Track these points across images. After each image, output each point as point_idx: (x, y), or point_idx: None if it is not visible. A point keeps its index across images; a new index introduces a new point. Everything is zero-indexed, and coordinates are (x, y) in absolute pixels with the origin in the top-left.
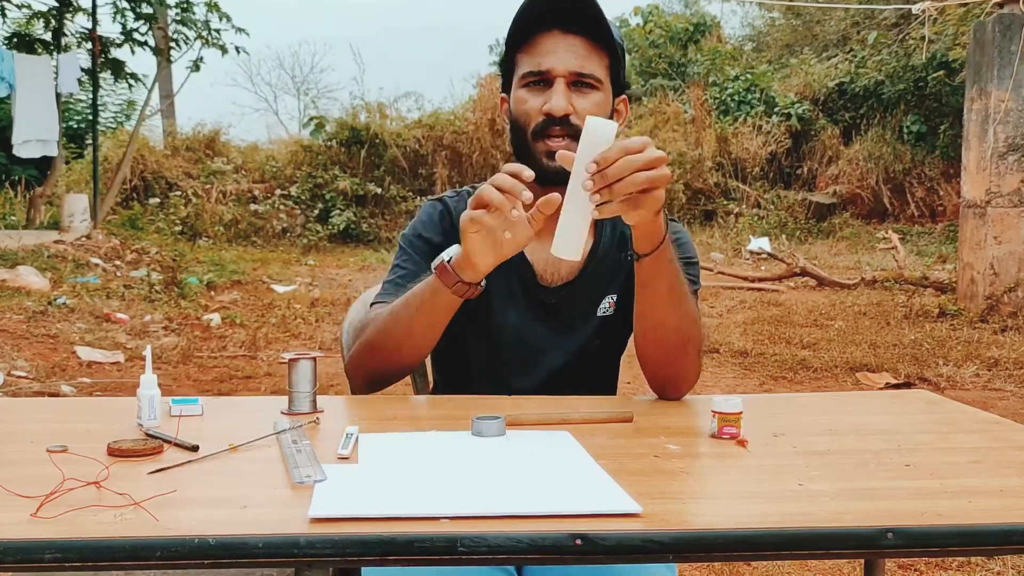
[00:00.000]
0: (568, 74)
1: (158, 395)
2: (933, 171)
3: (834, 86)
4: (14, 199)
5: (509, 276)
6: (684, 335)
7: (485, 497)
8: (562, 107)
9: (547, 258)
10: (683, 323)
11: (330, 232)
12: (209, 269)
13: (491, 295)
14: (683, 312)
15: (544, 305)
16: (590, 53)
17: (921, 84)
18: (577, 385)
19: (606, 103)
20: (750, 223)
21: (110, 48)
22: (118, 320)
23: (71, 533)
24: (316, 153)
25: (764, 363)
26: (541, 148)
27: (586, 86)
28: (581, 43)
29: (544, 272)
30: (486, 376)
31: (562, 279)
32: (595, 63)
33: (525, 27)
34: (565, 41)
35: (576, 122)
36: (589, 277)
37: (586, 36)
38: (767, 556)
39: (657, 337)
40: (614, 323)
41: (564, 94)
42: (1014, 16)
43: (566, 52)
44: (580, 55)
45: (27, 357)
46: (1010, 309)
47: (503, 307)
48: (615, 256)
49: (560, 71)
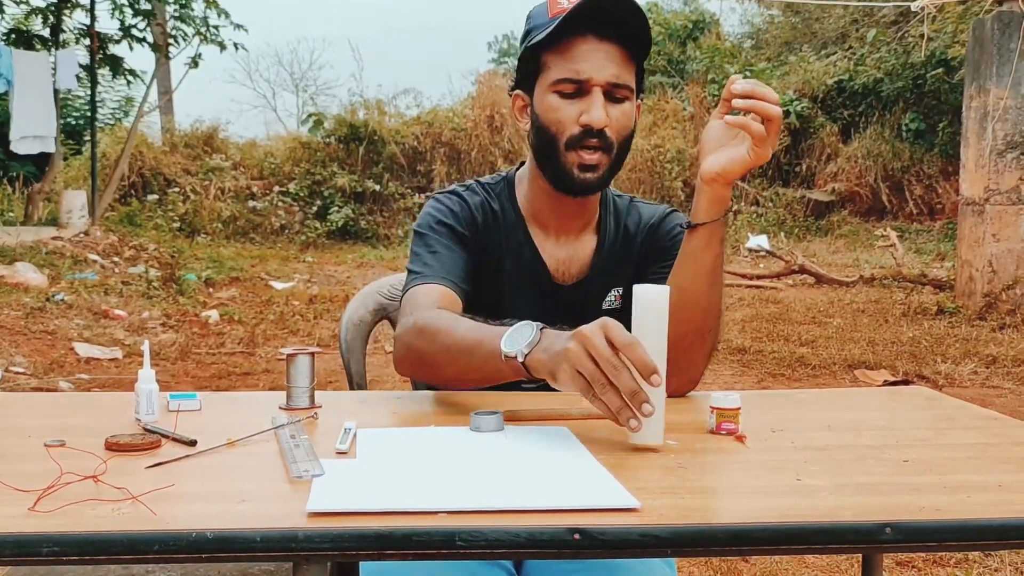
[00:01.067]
0: (606, 84)
1: (156, 390)
2: (932, 169)
3: (833, 84)
4: (12, 195)
5: (525, 274)
6: (708, 322)
7: (483, 492)
8: (603, 119)
9: (560, 256)
10: (712, 308)
11: (328, 229)
12: (207, 266)
13: (504, 294)
14: (714, 298)
15: (559, 303)
16: (624, 62)
17: (920, 82)
18: None
19: (633, 112)
20: (749, 220)
21: (108, 44)
22: (116, 316)
23: (69, 527)
24: (314, 150)
25: (762, 360)
26: (573, 159)
27: (618, 98)
28: (617, 51)
29: (557, 270)
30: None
31: (574, 277)
32: (628, 73)
33: (562, 28)
34: (602, 48)
35: (610, 134)
36: (599, 272)
37: (620, 43)
38: (765, 551)
39: (684, 315)
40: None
41: (603, 105)
42: (1013, 14)
43: (604, 60)
44: (616, 63)
45: (25, 353)
46: (1008, 307)
47: (517, 306)
48: (621, 249)
49: (599, 81)
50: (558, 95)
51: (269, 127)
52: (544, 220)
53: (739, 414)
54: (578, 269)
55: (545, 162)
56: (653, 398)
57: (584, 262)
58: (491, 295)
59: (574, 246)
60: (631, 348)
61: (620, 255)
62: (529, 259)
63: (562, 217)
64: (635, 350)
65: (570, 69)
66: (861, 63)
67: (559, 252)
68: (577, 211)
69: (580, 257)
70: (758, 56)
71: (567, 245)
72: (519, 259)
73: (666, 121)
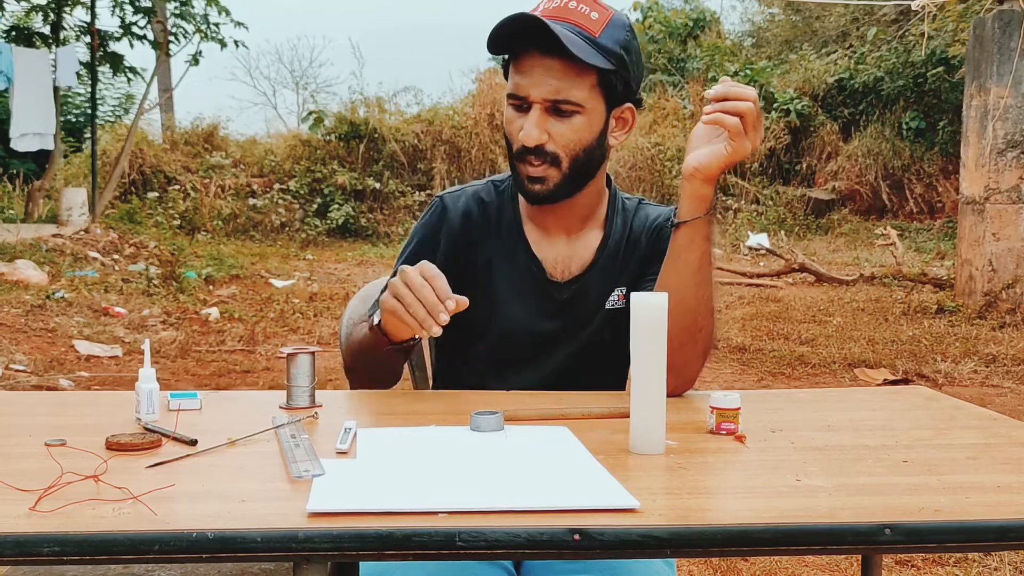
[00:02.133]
0: (543, 101)
1: (156, 389)
2: (932, 167)
3: (833, 82)
4: (12, 193)
5: (518, 273)
6: (699, 321)
7: (483, 492)
8: (534, 138)
9: (556, 253)
10: (701, 307)
11: (329, 227)
12: (207, 263)
13: (498, 293)
14: (704, 296)
15: (555, 301)
16: (568, 75)
17: (920, 80)
18: (585, 379)
19: (589, 125)
20: (749, 219)
21: (109, 42)
22: (116, 314)
23: (69, 527)
24: (315, 148)
25: (762, 359)
26: (522, 170)
27: (564, 112)
28: (559, 65)
29: (554, 268)
30: (492, 371)
31: (572, 274)
32: (576, 85)
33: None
34: (542, 64)
35: (553, 150)
36: (600, 270)
37: (565, 57)
38: (765, 551)
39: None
40: (624, 315)
41: (537, 123)
42: (1013, 13)
43: (543, 76)
44: (557, 78)
45: (25, 351)
46: (1008, 305)
47: (512, 304)
48: (626, 249)
49: (535, 97)
50: (512, 108)
51: (269, 125)
52: (539, 219)
53: (739, 414)
54: (579, 265)
55: (510, 168)
56: (653, 406)
57: (586, 259)
58: (486, 295)
59: (576, 243)
60: (435, 279)
61: (625, 254)
62: (523, 258)
63: (553, 217)
64: (438, 280)
65: (515, 84)
66: (861, 61)
67: (558, 249)
68: (562, 211)
69: (582, 254)
70: (758, 54)
71: (569, 242)
72: (513, 258)
73: (666, 119)
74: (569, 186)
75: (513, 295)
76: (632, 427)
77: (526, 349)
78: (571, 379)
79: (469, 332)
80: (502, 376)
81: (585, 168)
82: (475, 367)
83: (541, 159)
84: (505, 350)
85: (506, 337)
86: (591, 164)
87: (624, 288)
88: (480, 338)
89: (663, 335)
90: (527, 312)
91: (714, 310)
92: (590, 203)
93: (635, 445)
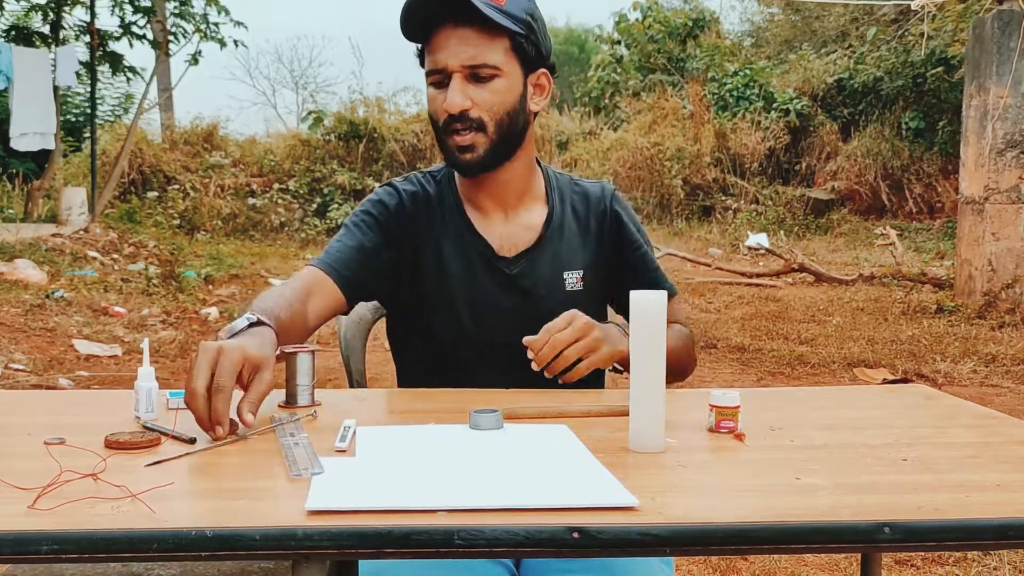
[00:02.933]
0: (461, 68)
1: (156, 388)
2: (931, 167)
3: (833, 82)
4: (12, 192)
5: (467, 255)
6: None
7: (482, 490)
8: (457, 104)
9: (500, 231)
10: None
11: (328, 226)
12: (207, 263)
13: (451, 275)
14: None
15: (506, 276)
16: (482, 40)
17: (920, 80)
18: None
19: (510, 87)
20: (748, 219)
21: (108, 41)
22: (116, 313)
23: (68, 525)
24: (314, 147)
25: (762, 359)
26: (451, 143)
27: (483, 77)
28: (473, 32)
29: (501, 246)
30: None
31: (519, 249)
32: (491, 49)
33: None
34: (456, 34)
35: (477, 115)
36: (547, 244)
37: (477, 24)
38: (764, 549)
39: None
40: (585, 299)
41: (459, 90)
42: (1013, 12)
43: (458, 45)
44: (472, 45)
45: (25, 350)
46: (1007, 305)
47: (465, 284)
48: (573, 228)
49: (453, 66)
50: (432, 87)
51: (269, 124)
52: (477, 198)
53: (738, 412)
54: (524, 242)
55: (440, 148)
56: (652, 404)
57: (532, 234)
58: (439, 277)
59: (518, 219)
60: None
61: (577, 234)
62: (469, 238)
63: (489, 193)
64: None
65: (432, 60)
66: (861, 61)
67: (502, 226)
68: (499, 185)
69: (527, 229)
70: (758, 54)
71: (511, 219)
72: (460, 240)
73: (666, 119)
74: (498, 152)
75: (466, 274)
76: (631, 425)
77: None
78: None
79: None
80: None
81: (510, 133)
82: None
83: (467, 126)
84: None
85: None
86: (515, 129)
87: (581, 272)
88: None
89: (662, 333)
90: (481, 289)
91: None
92: (523, 176)
93: (634, 443)
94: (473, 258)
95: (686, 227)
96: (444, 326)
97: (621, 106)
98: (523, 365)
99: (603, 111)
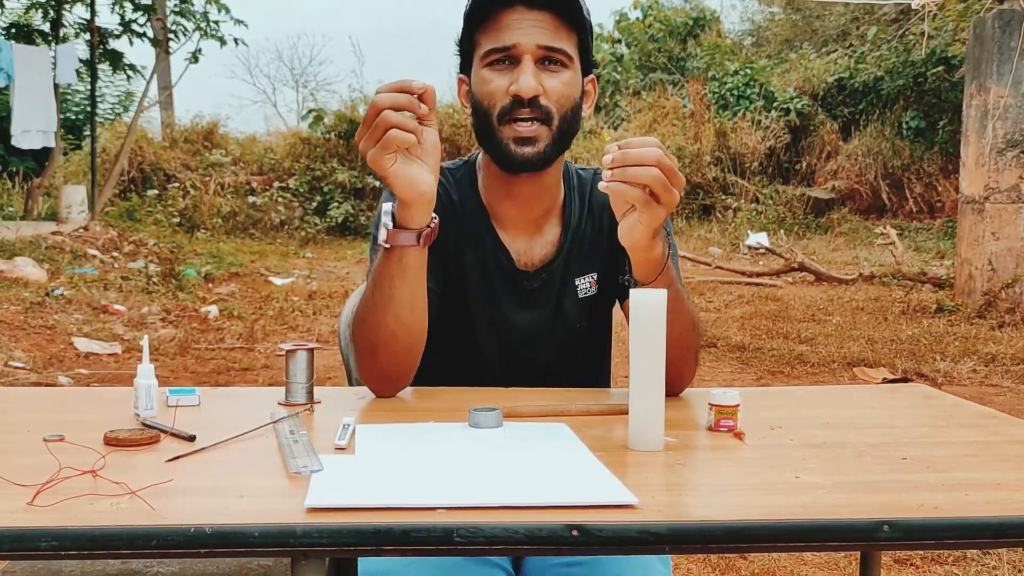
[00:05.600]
0: (536, 49)
1: (155, 385)
2: (932, 167)
3: (833, 81)
4: (12, 190)
5: (487, 266)
6: (684, 344)
7: (482, 488)
8: (532, 87)
9: (522, 242)
10: (683, 334)
11: (328, 225)
12: (207, 261)
13: (469, 285)
14: (684, 324)
15: (526, 291)
16: (558, 29)
17: (920, 80)
18: (568, 373)
19: (576, 83)
20: (748, 218)
21: (108, 39)
22: (115, 311)
23: (67, 521)
24: (314, 146)
25: (761, 358)
26: (508, 133)
27: (556, 63)
28: (549, 18)
29: (520, 257)
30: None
31: (540, 262)
32: (565, 40)
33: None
34: (531, 17)
35: (546, 103)
36: (567, 256)
37: (553, 11)
38: (763, 548)
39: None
40: (597, 302)
41: (533, 72)
42: (1014, 12)
43: (533, 27)
44: (548, 30)
45: (24, 348)
46: (1007, 305)
47: (483, 297)
48: (590, 233)
49: (528, 46)
50: (489, 68)
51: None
52: (504, 206)
53: (738, 411)
54: (545, 254)
55: (485, 141)
56: (652, 402)
57: (549, 247)
58: (456, 287)
59: (539, 230)
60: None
61: (590, 237)
62: (492, 248)
63: (520, 202)
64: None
65: (497, 39)
66: (861, 61)
67: (522, 238)
68: (534, 193)
69: (545, 241)
70: (758, 53)
71: (531, 230)
72: (481, 248)
73: (666, 118)
74: (555, 151)
75: (485, 286)
76: (631, 424)
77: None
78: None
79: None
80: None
81: (569, 133)
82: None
83: (534, 115)
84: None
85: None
86: (573, 129)
87: (595, 274)
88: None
89: (662, 332)
90: (499, 304)
91: (696, 321)
92: (556, 183)
93: (634, 442)
94: (493, 269)
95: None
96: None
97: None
98: (533, 380)
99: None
